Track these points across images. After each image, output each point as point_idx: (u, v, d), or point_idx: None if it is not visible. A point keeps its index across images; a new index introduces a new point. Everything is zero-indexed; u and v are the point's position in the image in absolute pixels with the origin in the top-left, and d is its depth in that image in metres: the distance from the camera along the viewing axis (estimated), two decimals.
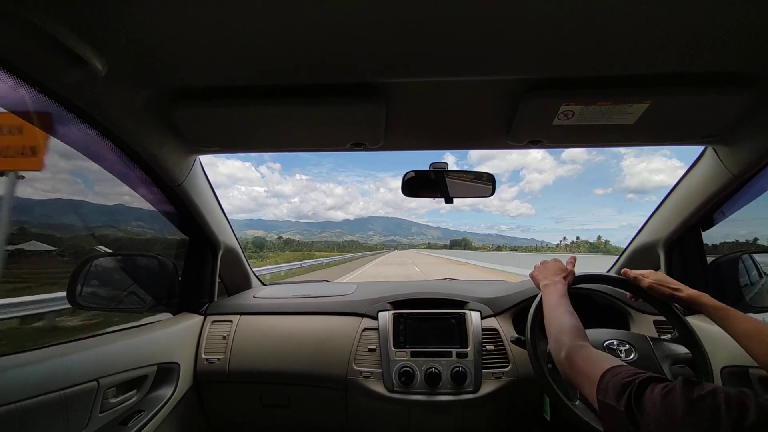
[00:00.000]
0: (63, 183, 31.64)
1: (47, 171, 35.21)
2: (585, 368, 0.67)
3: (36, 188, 23.67)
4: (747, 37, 0.69)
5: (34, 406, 0.80)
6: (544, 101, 0.88)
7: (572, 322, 0.82)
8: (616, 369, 0.61)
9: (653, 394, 0.51)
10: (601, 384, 0.61)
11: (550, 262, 1.10)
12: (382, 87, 0.88)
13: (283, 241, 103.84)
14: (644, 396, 0.52)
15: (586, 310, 0.89)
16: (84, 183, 22.96)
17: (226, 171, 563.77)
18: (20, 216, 4.58)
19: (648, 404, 0.51)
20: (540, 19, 0.64)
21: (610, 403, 0.57)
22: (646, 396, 0.52)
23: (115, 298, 1.36)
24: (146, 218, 1.40)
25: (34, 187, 20.59)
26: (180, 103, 0.91)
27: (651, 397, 0.51)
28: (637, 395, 0.53)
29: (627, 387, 0.55)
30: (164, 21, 0.65)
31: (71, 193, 25.06)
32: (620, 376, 0.58)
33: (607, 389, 0.59)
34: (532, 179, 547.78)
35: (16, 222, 4.42)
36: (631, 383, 0.55)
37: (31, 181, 7.46)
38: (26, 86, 0.75)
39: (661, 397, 0.50)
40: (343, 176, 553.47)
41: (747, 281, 1.38)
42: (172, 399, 1.22)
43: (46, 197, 20.35)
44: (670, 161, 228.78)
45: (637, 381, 0.55)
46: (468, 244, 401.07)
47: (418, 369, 1.27)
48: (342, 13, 0.63)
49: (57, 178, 44.03)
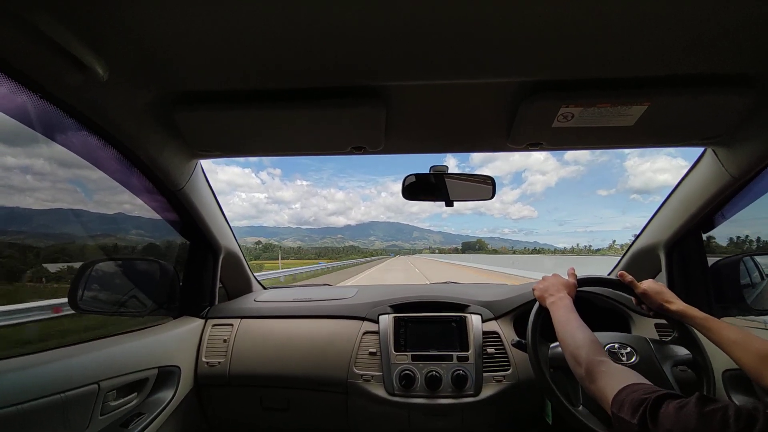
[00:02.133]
0: (63, 192, 31.43)
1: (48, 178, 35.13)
2: (605, 383, 0.69)
3: (36, 198, 23.66)
4: (746, 38, 0.69)
5: (35, 409, 0.80)
6: (543, 103, 0.88)
7: (587, 336, 0.83)
8: (634, 386, 0.63)
9: (668, 409, 0.52)
10: (618, 398, 0.62)
11: (551, 278, 1.11)
12: (382, 90, 0.89)
13: (284, 250, 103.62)
14: (660, 411, 0.53)
15: (587, 312, 0.89)
16: (83, 189, 22.99)
17: (226, 177, 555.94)
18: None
19: (662, 418, 0.52)
20: (539, 21, 0.65)
21: (623, 417, 0.58)
22: (662, 411, 0.53)
23: (117, 302, 1.36)
24: (147, 223, 1.40)
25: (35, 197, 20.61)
26: (181, 107, 0.91)
27: (666, 411, 0.52)
28: (653, 410, 0.54)
29: (643, 402, 0.56)
30: (165, 25, 0.66)
31: (71, 200, 24.95)
32: (638, 393, 0.59)
33: (623, 404, 0.60)
34: (534, 181, 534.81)
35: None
36: (647, 399, 0.56)
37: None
38: (27, 90, 0.75)
39: (676, 410, 0.51)
40: (344, 182, 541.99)
41: (748, 283, 1.37)
42: (173, 402, 1.22)
43: (46, 206, 20.37)
44: (675, 160, 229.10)
45: (653, 397, 0.56)
46: (483, 246, 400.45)
47: (419, 372, 1.27)
48: (342, 17, 0.64)
49: (57, 187, 43.59)
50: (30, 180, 25.18)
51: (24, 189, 18.74)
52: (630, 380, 0.65)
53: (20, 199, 10.00)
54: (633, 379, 0.66)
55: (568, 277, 1.11)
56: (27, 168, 20.48)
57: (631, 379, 0.66)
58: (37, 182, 38.98)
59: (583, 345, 0.80)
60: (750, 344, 0.77)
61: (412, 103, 0.96)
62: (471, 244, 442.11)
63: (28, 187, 29.52)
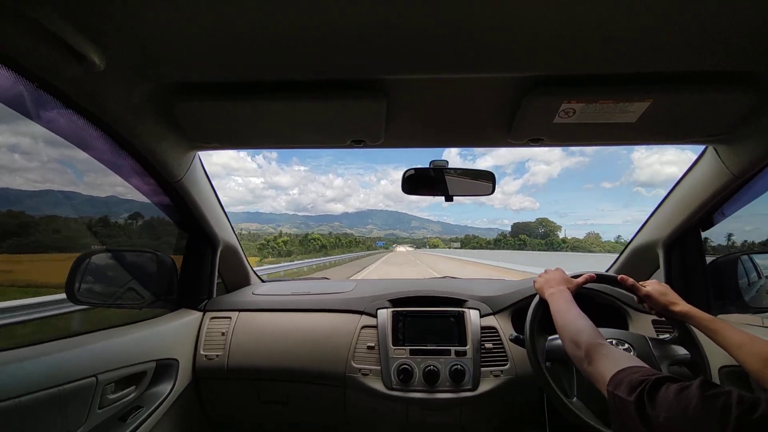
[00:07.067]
0: (52, 173, 30.75)
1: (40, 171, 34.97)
2: (604, 364, 0.68)
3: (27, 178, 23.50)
4: (749, 36, 0.69)
5: (32, 402, 0.80)
6: (545, 99, 0.88)
7: (587, 323, 0.83)
8: (634, 368, 0.62)
9: (668, 391, 0.52)
10: (616, 377, 0.62)
11: (553, 272, 1.10)
12: (383, 83, 0.88)
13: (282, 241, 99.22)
14: (658, 392, 0.53)
15: (585, 309, 0.89)
16: (78, 177, 22.59)
17: (221, 161, 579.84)
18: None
19: (661, 399, 0.52)
20: (542, 16, 0.64)
21: (619, 395, 0.58)
22: (661, 392, 0.53)
23: (114, 294, 1.35)
24: (144, 214, 1.39)
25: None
26: (179, 98, 0.90)
27: (665, 393, 0.52)
28: (651, 391, 0.54)
29: (642, 383, 0.56)
30: (163, 15, 0.64)
31: (63, 184, 24.65)
32: (637, 374, 0.59)
33: (621, 383, 0.60)
34: (537, 171, 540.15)
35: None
36: (646, 380, 0.56)
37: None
38: (24, 81, 0.74)
39: (676, 392, 0.51)
40: (343, 168, 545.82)
41: (746, 282, 1.38)
42: (171, 395, 1.23)
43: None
44: (683, 153, 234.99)
45: (653, 378, 0.55)
46: (526, 242, 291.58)
47: (417, 367, 1.27)
48: (343, 8, 0.62)
49: (48, 168, 42.53)
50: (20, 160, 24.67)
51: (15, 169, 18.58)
52: (630, 363, 0.65)
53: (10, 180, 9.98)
54: (633, 362, 0.66)
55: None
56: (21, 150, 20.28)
57: (631, 362, 0.66)
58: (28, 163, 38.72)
59: (584, 330, 0.80)
60: (754, 347, 0.77)
61: (412, 97, 0.95)
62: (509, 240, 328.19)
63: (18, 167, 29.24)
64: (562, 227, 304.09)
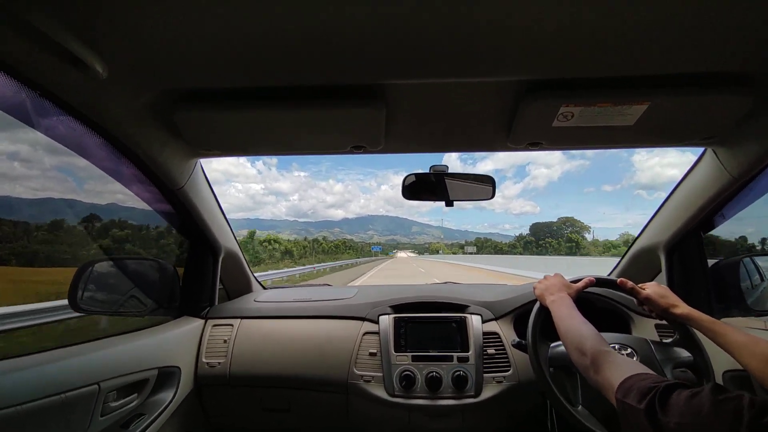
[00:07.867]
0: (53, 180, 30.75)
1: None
2: (611, 372, 0.68)
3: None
4: (746, 38, 0.69)
5: (34, 410, 0.80)
6: (543, 103, 0.88)
7: (591, 330, 0.82)
8: (642, 375, 0.62)
9: (679, 397, 0.52)
10: (624, 384, 0.62)
11: (552, 278, 1.10)
12: (382, 89, 0.89)
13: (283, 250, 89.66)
14: (669, 399, 0.53)
15: (587, 313, 0.89)
16: (79, 185, 22.69)
17: (221, 167, 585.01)
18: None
19: (672, 405, 0.52)
20: (538, 20, 0.65)
21: (629, 402, 0.58)
22: (671, 399, 0.52)
23: (116, 302, 1.36)
24: (145, 222, 1.40)
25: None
26: (181, 106, 0.91)
27: (676, 399, 0.52)
28: (662, 397, 0.53)
29: (652, 390, 0.56)
30: (165, 23, 0.65)
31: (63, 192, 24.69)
32: (646, 381, 0.59)
33: (630, 390, 0.59)
34: (537, 174, 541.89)
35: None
36: (656, 387, 0.55)
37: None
38: (26, 89, 0.75)
39: (687, 398, 0.51)
40: (343, 174, 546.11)
41: (748, 285, 1.37)
42: (173, 403, 1.22)
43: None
44: (684, 155, 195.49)
45: (663, 385, 0.55)
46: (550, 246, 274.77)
47: (419, 373, 1.27)
48: (341, 16, 0.63)
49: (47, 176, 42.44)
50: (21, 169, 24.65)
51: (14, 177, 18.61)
52: (638, 370, 0.64)
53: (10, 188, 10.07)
54: (641, 369, 0.65)
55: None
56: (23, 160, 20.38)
57: (638, 368, 0.65)
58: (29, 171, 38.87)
59: (588, 336, 0.79)
60: (757, 347, 0.77)
61: (412, 103, 0.96)
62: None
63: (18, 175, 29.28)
64: (590, 227, 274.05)
